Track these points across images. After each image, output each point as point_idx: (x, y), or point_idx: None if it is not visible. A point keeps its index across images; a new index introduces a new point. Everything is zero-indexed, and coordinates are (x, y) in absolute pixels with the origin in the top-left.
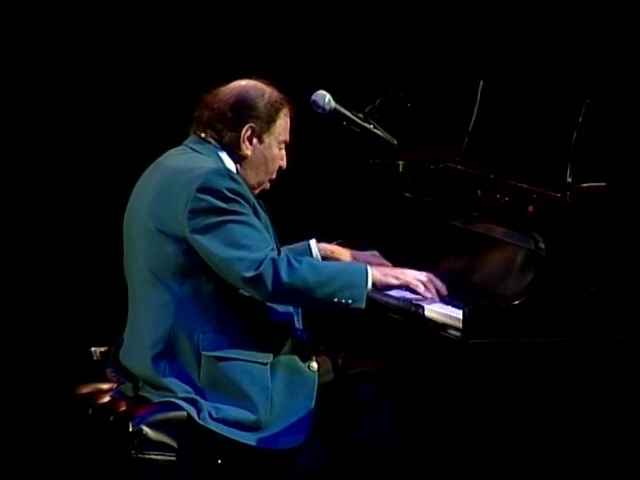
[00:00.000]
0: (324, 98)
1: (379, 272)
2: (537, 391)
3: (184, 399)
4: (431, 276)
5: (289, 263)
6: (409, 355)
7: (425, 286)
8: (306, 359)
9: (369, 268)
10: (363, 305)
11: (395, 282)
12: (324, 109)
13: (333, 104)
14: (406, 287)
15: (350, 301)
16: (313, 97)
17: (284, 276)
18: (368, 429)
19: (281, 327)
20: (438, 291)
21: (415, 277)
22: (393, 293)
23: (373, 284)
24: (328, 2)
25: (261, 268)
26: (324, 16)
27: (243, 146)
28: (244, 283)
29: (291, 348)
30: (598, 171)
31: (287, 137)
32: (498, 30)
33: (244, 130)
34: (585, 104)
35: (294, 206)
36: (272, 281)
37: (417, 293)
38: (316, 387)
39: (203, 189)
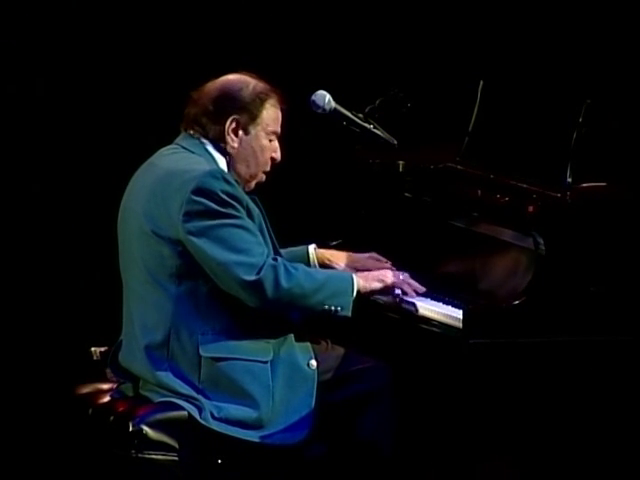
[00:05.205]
0: (324, 98)
1: (362, 279)
2: (537, 391)
3: (185, 399)
4: (407, 275)
5: (287, 269)
6: (409, 355)
7: (407, 284)
8: (306, 357)
9: (354, 277)
10: (349, 313)
11: (379, 286)
12: (324, 109)
13: (333, 104)
14: (391, 289)
15: (339, 308)
16: (313, 97)
17: (283, 282)
18: (368, 427)
19: (280, 325)
20: (416, 290)
21: (396, 277)
22: (381, 296)
23: (358, 291)
24: (328, 2)
25: (262, 273)
26: (324, 16)
27: (228, 139)
28: (242, 287)
29: (290, 345)
30: (598, 171)
31: (277, 128)
32: (498, 30)
33: (228, 122)
34: (585, 104)
35: (294, 206)
36: (272, 286)
37: (402, 293)
38: (316, 384)
39: (198, 191)
